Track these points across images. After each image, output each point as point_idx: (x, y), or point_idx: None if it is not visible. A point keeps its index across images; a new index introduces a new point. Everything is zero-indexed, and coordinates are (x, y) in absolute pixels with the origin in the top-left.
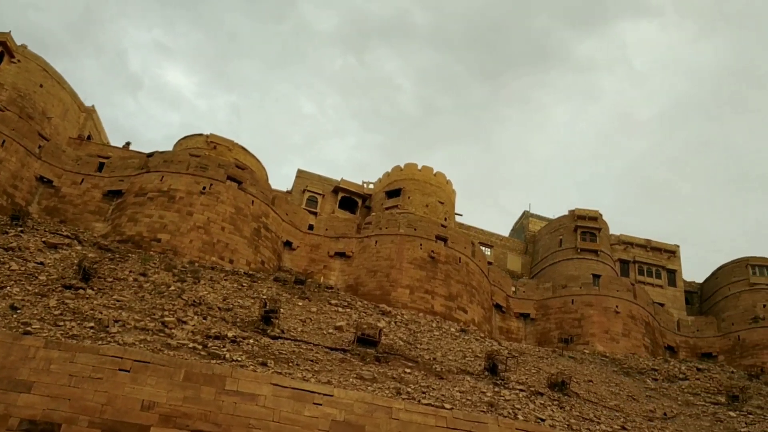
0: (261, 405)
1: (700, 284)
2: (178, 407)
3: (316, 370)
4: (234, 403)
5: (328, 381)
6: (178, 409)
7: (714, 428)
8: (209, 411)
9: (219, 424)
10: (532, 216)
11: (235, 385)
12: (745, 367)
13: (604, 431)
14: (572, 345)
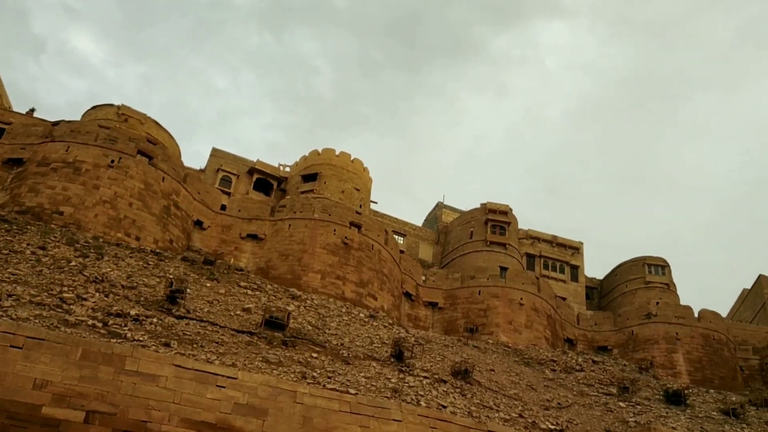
0: (162, 386)
1: (601, 280)
2: (73, 387)
3: (221, 352)
4: (133, 383)
5: (233, 363)
6: (73, 388)
7: (604, 418)
8: (106, 391)
9: (116, 405)
10: (445, 207)
11: (135, 366)
12: (636, 360)
13: (503, 419)
14: (477, 334)
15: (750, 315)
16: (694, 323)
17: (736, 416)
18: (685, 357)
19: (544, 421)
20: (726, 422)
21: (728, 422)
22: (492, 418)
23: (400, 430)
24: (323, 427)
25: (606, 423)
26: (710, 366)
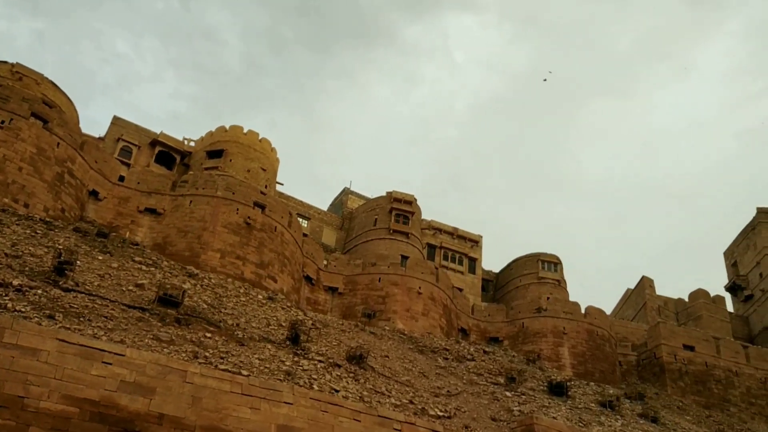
0: (43, 361)
1: (497, 274)
2: None
3: (110, 327)
4: (11, 357)
5: (122, 340)
6: None
7: (491, 406)
8: None
9: None
10: (351, 193)
11: (14, 338)
12: (525, 352)
13: (393, 404)
14: (374, 321)
15: (632, 313)
16: (581, 319)
17: (612, 408)
18: (570, 351)
19: (434, 407)
20: (602, 413)
21: (604, 413)
22: (383, 404)
23: (291, 412)
24: (213, 407)
25: (492, 411)
26: (592, 360)
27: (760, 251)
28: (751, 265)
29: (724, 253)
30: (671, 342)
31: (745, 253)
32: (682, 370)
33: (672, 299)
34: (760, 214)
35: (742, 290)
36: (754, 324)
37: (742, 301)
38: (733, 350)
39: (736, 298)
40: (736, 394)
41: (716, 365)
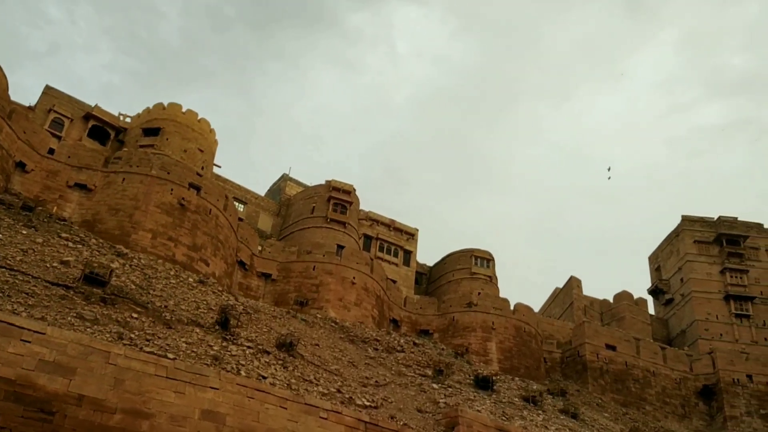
0: None
1: (431, 267)
2: None
3: (31, 304)
4: None
5: (42, 317)
6: None
7: (417, 397)
8: None
9: None
10: (290, 180)
11: None
12: (454, 345)
13: (321, 393)
14: (307, 308)
15: (559, 312)
16: (510, 315)
17: (535, 403)
18: (498, 346)
19: (361, 397)
20: (525, 408)
21: (527, 408)
22: (310, 392)
23: (217, 398)
24: (135, 390)
25: (418, 402)
26: (519, 356)
27: (682, 257)
28: (673, 270)
29: (649, 257)
30: (595, 341)
31: (669, 259)
32: (603, 368)
33: (598, 300)
34: (684, 221)
35: (664, 294)
36: (672, 327)
37: (663, 305)
38: (651, 351)
39: (658, 301)
40: (652, 393)
41: (635, 365)
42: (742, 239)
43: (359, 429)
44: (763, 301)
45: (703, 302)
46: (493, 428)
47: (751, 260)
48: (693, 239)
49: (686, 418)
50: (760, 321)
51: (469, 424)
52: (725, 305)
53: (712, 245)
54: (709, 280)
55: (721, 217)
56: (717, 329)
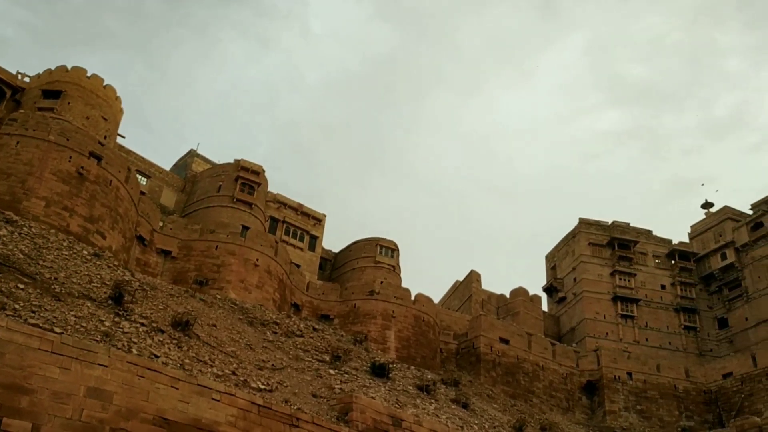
0: None
1: (336, 254)
2: None
3: None
4: None
5: None
6: None
7: (313, 383)
8: None
9: None
10: (198, 156)
11: None
12: (353, 332)
13: (215, 374)
14: (206, 288)
15: (458, 304)
16: (410, 305)
17: (428, 392)
18: (397, 334)
19: (256, 380)
20: (419, 396)
21: (420, 396)
22: (204, 373)
23: (105, 375)
24: (17, 364)
25: (314, 388)
26: (416, 345)
27: (577, 258)
28: (567, 270)
29: (546, 255)
30: (489, 334)
31: (564, 258)
32: (496, 361)
33: (495, 294)
34: (581, 224)
35: (558, 292)
36: (563, 324)
37: (556, 302)
38: (542, 346)
39: (552, 298)
40: (540, 387)
41: (526, 359)
42: (632, 244)
43: (252, 412)
44: (647, 303)
45: (592, 302)
46: (386, 415)
47: (639, 264)
48: (588, 241)
49: (570, 411)
50: (643, 322)
51: (363, 410)
52: (613, 306)
53: (605, 248)
54: (600, 281)
55: (615, 221)
56: (603, 328)
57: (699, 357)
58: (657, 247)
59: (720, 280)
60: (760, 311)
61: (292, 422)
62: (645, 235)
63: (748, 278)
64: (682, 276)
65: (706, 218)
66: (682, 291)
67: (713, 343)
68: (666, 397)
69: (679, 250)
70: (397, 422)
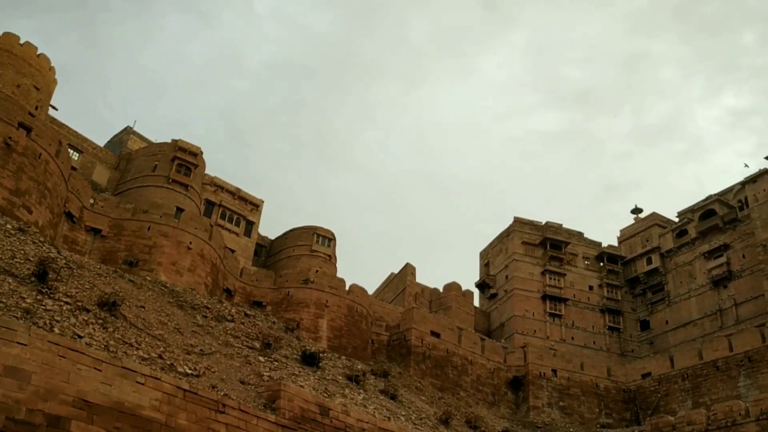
0: None
1: (272, 240)
2: None
3: None
4: None
5: None
6: None
7: (242, 369)
8: None
9: None
10: (134, 134)
11: None
12: (286, 320)
13: (141, 357)
14: (136, 269)
15: (392, 296)
16: (344, 295)
17: (357, 382)
18: (329, 324)
19: (183, 364)
20: (348, 386)
21: (349, 387)
22: (129, 355)
23: (24, 354)
24: None
25: (242, 374)
26: (348, 335)
27: (510, 256)
28: (500, 267)
29: (480, 252)
30: (421, 327)
31: (498, 256)
32: (426, 353)
33: (429, 288)
34: (515, 222)
35: (490, 288)
36: (494, 319)
37: (488, 298)
38: (472, 341)
39: (483, 294)
40: (468, 381)
41: (456, 353)
42: (563, 245)
43: (177, 396)
44: (574, 303)
45: (522, 299)
46: (314, 404)
47: (569, 265)
48: (521, 240)
49: (495, 406)
50: (570, 321)
51: (291, 399)
52: (542, 304)
53: (538, 247)
54: (531, 280)
55: (548, 222)
56: (532, 326)
57: (621, 357)
58: (587, 249)
59: (644, 283)
60: (680, 315)
61: (219, 408)
62: (576, 236)
63: (671, 283)
64: (609, 278)
65: (634, 223)
66: (609, 293)
67: (635, 344)
68: (588, 395)
69: (607, 253)
70: (325, 411)
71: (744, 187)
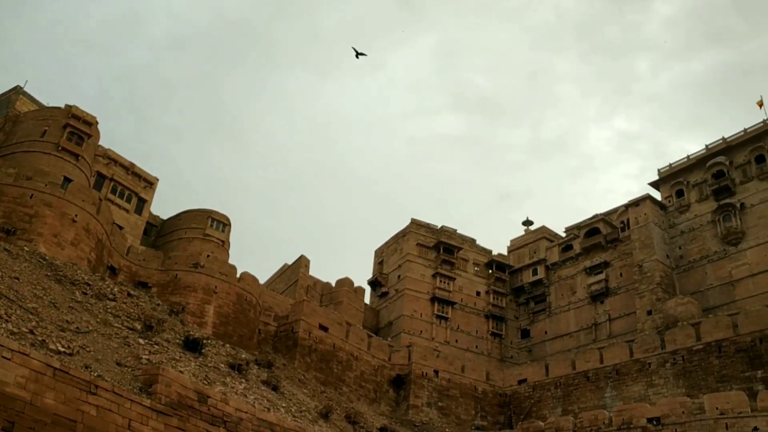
0: None
1: (164, 220)
2: None
3: None
4: None
5: None
6: None
7: (120, 350)
8: None
9: None
10: (24, 94)
11: None
12: (171, 303)
13: (10, 331)
14: (14, 239)
15: (283, 287)
16: (234, 282)
17: (240, 371)
18: (216, 310)
19: (56, 341)
20: (229, 375)
21: (231, 375)
22: None
23: None
24: None
25: (119, 356)
26: (235, 323)
27: (404, 256)
28: (393, 266)
29: (375, 250)
30: (310, 320)
31: (392, 255)
32: (312, 347)
33: (321, 282)
34: (412, 224)
35: (381, 287)
36: (382, 317)
37: (379, 296)
38: (359, 337)
39: (375, 292)
40: (352, 376)
41: (342, 348)
42: (456, 250)
43: (46, 375)
44: (461, 307)
45: (412, 300)
46: (192, 390)
47: (460, 270)
48: (416, 242)
49: (376, 403)
50: (456, 324)
51: (168, 384)
52: (430, 306)
53: (431, 250)
54: (422, 281)
55: (443, 226)
56: (419, 326)
57: (500, 362)
58: (478, 256)
59: (529, 293)
60: (559, 326)
61: (90, 389)
62: (469, 243)
63: (553, 295)
64: (496, 285)
65: (525, 234)
66: (495, 299)
67: (514, 351)
68: (466, 397)
69: (497, 261)
70: (203, 399)
71: (627, 210)
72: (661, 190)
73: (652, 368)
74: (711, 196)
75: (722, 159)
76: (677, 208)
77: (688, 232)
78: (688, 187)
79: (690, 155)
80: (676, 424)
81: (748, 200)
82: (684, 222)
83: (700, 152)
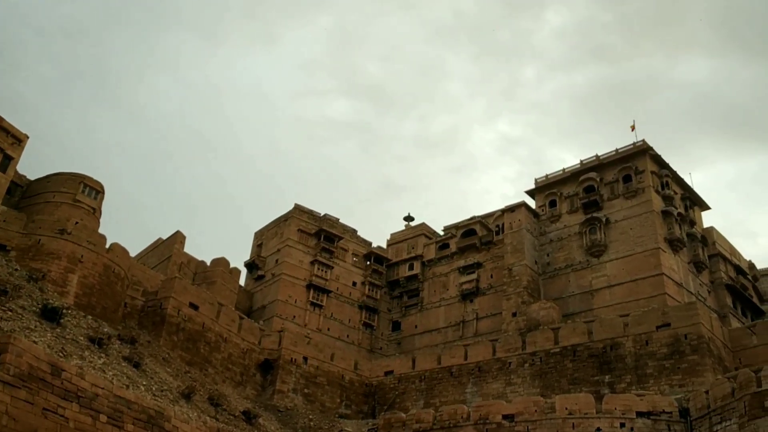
0: None
1: (31, 181)
2: None
3: None
4: None
5: None
6: None
7: None
8: None
9: None
10: None
11: None
12: (31, 269)
13: None
14: None
15: (155, 262)
16: (102, 252)
17: (100, 345)
18: (80, 280)
19: None
20: (88, 348)
21: (90, 349)
22: None
23: None
24: None
25: None
26: (100, 295)
27: (284, 241)
28: (272, 250)
29: (255, 232)
30: (180, 297)
31: (272, 239)
32: (180, 325)
33: (196, 260)
34: (295, 209)
35: (258, 269)
36: (256, 300)
37: (254, 279)
38: (230, 318)
39: (251, 274)
40: (219, 358)
41: (212, 329)
42: (337, 239)
43: None
44: (336, 296)
45: (288, 285)
46: (46, 362)
47: (338, 259)
48: (298, 227)
49: (241, 386)
50: (329, 313)
51: (20, 354)
52: (306, 292)
53: (312, 237)
54: (300, 267)
55: (326, 215)
56: (292, 311)
57: (370, 353)
58: (357, 247)
59: (403, 287)
60: (429, 321)
61: None
62: (350, 233)
63: (426, 291)
64: (372, 277)
65: (405, 230)
66: (370, 291)
67: (384, 342)
68: (332, 385)
69: (375, 254)
70: (57, 372)
71: (504, 214)
72: (536, 198)
73: (512, 367)
74: (580, 209)
75: (594, 175)
76: (549, 218)
77: (557, 240)
78: (561, 198)
79: (565, 168)
80: (528, 422)
81: (613, 216)
82: (554, 231)
83: (574, 166)
